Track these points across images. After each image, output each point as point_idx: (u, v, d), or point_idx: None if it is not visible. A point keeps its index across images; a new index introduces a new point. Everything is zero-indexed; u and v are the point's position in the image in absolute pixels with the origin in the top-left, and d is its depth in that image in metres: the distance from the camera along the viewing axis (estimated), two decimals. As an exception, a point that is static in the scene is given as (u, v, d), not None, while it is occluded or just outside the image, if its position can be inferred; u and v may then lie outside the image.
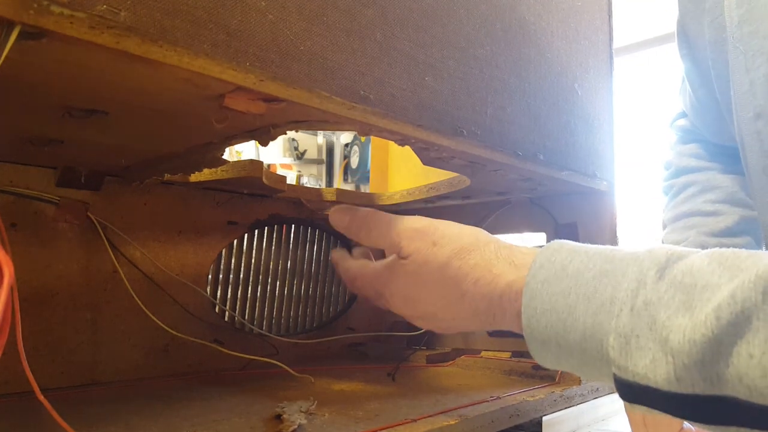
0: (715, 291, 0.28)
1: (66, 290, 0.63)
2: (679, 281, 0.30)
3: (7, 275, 0.26)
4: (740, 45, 0.50)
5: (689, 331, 0.28)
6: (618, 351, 0.30)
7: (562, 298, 0.33)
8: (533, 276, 0.35)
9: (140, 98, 0.38)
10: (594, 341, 0.32)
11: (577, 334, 0.32)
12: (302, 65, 0.37)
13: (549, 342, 0.34)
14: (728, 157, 0.71)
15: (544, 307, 0.34)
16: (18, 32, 0.26)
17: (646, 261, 0.32)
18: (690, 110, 0.73)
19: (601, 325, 0.31)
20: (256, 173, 0.65)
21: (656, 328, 0.29)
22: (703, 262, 0.30)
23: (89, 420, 0.47)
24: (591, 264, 0.33)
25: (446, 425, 0.47)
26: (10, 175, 0.59)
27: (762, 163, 0.51)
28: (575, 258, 0.34)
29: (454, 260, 0.38)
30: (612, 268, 0.33)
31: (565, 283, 0.33)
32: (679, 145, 0.77)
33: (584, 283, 0.33)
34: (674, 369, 0.28)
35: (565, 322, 0.33)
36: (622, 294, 0.31)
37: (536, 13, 0.58)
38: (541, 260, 0.35)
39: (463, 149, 0.50)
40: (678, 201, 0.73)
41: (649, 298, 0.30)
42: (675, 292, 0.29)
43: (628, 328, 0.30)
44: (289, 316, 0.87)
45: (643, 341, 0.29)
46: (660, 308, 0.29)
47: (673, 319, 0.29)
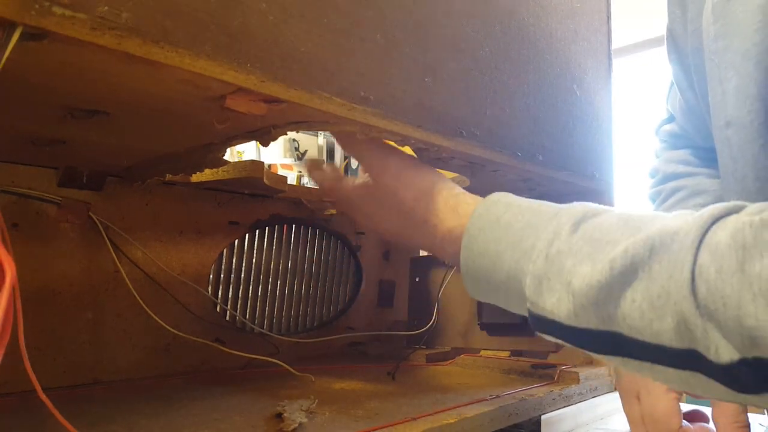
0: (614, 246, 0.33)
1: (68, 290, 0.63)
2: (589, 235, 0.35)
3: (9, 275, 0.26)
4: (715, 58, 0.52)
5: (588, 277, 0.33)
6: (532, 290, 0.36)
7: (494, 244, 0.39)
8: (472, 224, 0.41)
9: (142, 99, 0.38)
10: (515, 281, 0.38)
11: (502, 275, 0.38)
12: (303, 66, 0.37)
13: (480, 279, 0.40)
14: (716, 162, 0.71)
15: (479, 250, 0.40)
16: (20, 33, 0.26)
17: (564, 216, 0.37)
18: (679, 113, 0.74)
19: (521, 269, 0.37)
20: (257, 173, 0.65)
21: (563, 273, 0.35)
22: (612, 219, 0.35)
23: (91, 419, 0.48)
24: (520, 216, 0.39)
25: (446, 424, 0.47)
26: (12, 175, 0.59)
27: (730, 168, 0.52)
28: (509, 210, 0.40)
29: (413, 201, 0.46)
30: (537, 221, 0.38)
31: (497, 232, 0.39)
32: (666, 152, 0.78)
33: (513, 233, 0.39)
34: (574, 307, 0.34)
35: (494, 264, 0.39)
36: (540, 243, 0.36)
37: (535, 15, 0.59)
38: (479, 211, 0.41)
39: (462, 150, 0.50)
40: (667, 206, 0.73)
41: (561, 248, 0.35)
42: (583, 244, 0.35)
43: (542, 271, 0.36)
44: (289, 315, 0.87)
45: (552, 283, 0.35)
46: (569, 257, 0.35)
47: (578, 267, 0.34)
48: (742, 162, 0.51)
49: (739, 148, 0.51)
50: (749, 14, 0.48)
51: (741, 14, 0.49)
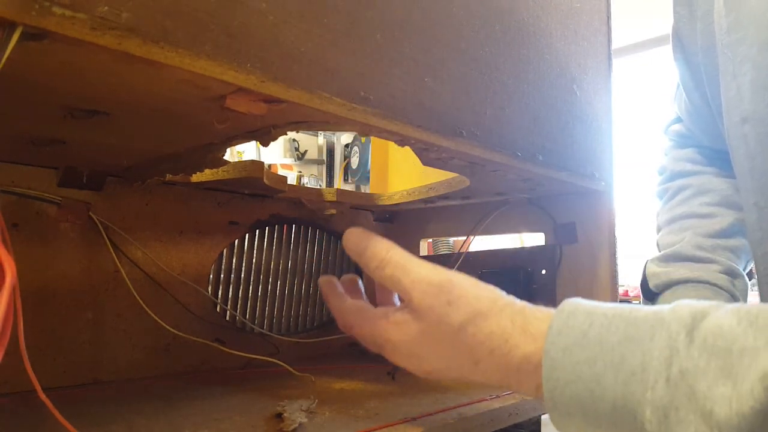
0: (754, 356, 0.27)
1: (68, 290, 0.63)
2: (711, 344, 0.28)
3: (9, 275, 0.26)
4: (728, 51, 0.51)
5: (735, 403, 0.26)
6: (656, 425, 0.29)
7: (587, 367, 0.31)
8: (552, 344, 0.33)
9: (142, 99, 0.38)
10: (627, 413, 0.30)
11: (606, 405, 0.30)
12: (303, 66, 0.37)
13: (574, 414, 0.32)
14: (723, 161, 0.71)
15: (568, 377, 0.32)
16: (20, 33, 0.26)
17: (672, 323, 0.30)
18: (685, 115, 0.74)
19: (634, 396, 0.29)
20: (257, 173, 0.65)
21: (697, 400, 0.27)
22: (731, 321, 0.29)
23: (91, 419, 0.48)
24: (613, 328, 0.32)
25: (446, 424, 0.47)
26: (12, 176, 0.59)
27: (747, 166, 0.51)
28: (594, 321, 0.32)
29: (469, 326, 0.36)
30: (637, 332, 0.31)
31: (588, 350, 0.31)
32: (674, 150, 0.78)
33: (609, 350, 0.31)
34: None
35: (592, 393, 0.31)
36: (654, 362, 0.29)
37: (535, 15, 0.59)
38: (558, 326, 0.33)
39: (462, 150, 0.50)
40: (673, 204, 0.73)
41: (685, 367, 0.28)
42: (710, 357, 0.28)
43: (666, 400, 0.28)
44: (289, 315, 0.87)
45: (684, 414, 0.28)
46: (698, 377, 0.28)
47: (715, 389, 0.27)
48: (761, 159, 0.50)
49: (757, 144, 0.49)
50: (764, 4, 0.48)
51: (755, 5, 0.48)
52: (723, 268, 0.66)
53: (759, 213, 0.52)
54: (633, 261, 1.13)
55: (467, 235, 0.87)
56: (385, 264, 0.40)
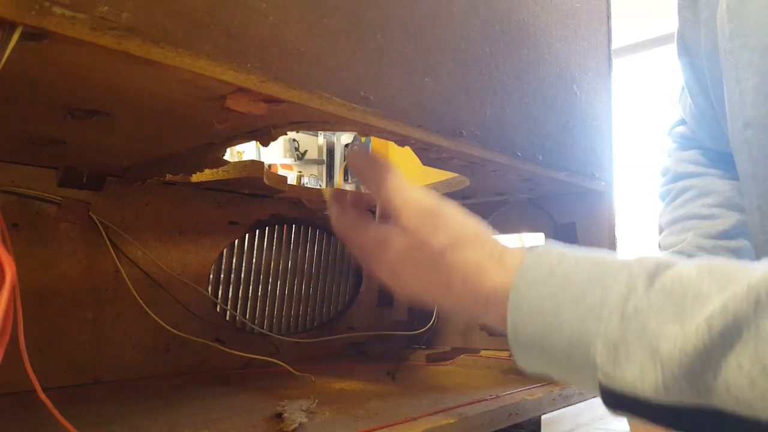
0: (705, 301, 0.28)
1: (68, 290, 0.63)
2: (669, 289, 0.29)
3: (9, 275, 0.26)
4: (731, 57, 0.51)
5: (680, 341, 0.27)
6: (606, 358, 0.29)
7: (549, 300, 0.32)
8: (521, 277, 0.34)
9: (142, 99, 0.38)
10: (581, 347, 0.31)
11: (563, 339, 0.31)
12: (303, 67, 0.37)
13: (533, 346, 0.33)
14: (727, 164, 0.71)
15: (531, 308, 0.33)
16: (20, 33, 0.26)
17: (635, 267, 0.31)
18: (689, 117, 0.74)
19: (589, 330, 0.30)
20: (257, 173, 0.66)
21: (646, 336, 0.28)
22: (691, 271, 0.30)
23: (91, 419, 0.48)
24: (580, 267, 0.33)
25: (446, 424, 0.47)
26: (12, 176, 0.59)
27: (750, 170, 0.52)
28: (564, 260, 0.34)
29: (449, 251, 0.37)
30: (601, 272, 0.32)
31: (552, 285, 0.32)
32: (677, 152, 0.78)
33: (573, 286, 0.32)
34: (663, 378, 0.28)
35: (551, 325, 0.32)
36: (612, 298, 0.30)
37: (535, 15, 0.59)
38: (529, 261, 0.34)
39: (462, 150, 0.50)
40: (675, 205, 0.73)
41: (640, 305, 0.29)
42: (665, 300, 0.29)
43: (618, 334, 0.29)
44: (289, 315, 0.87)
45: (633, 349, 0.29)
46: (650, 316, 0.29)
47: (664, 328, 0.28)
48: (764, 163, 0.50)
49: (760, 149, 0.50)
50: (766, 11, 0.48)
51: (758, 12, 0.48)
52: None
53: (762, 216, 0.53)
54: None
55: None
56: (382, 182, 0.41)
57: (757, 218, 0.53)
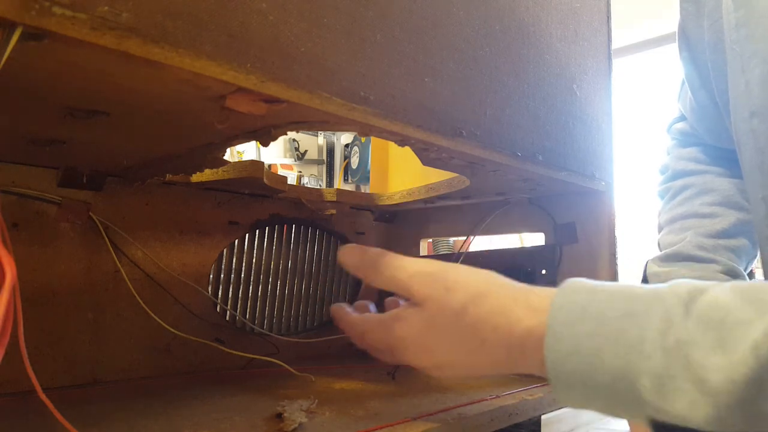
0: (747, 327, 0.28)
1: (68, 290, 0.63)
2: (707, 317, 0.29)
3: (9, 275, 0.26)
4: (737, 47, 0.51)
5: (727, 371, 0.27)
6: (653, 393, 0.30)
7: (587, 340, 0.32)
8: (554, 318, 0.34)
9: (142, 99, 0.38)
10: (625, 383, 0.31)
11: (606, 377, 0.31)
12: (303, 66, 0.37)
13: (575, 385, 0.33)
14: (727, 161, 0.71)
15: (569, 349, 0.33)
16: (20, 33, 0.26)
17: (669, 298, 0.31)
18: (689, 113, 0.74)
19: (632, 366, 0.30)
20: (257, 173, 0.66)
21: (692, 368, 0.29)
22: (726, 296, 0.30)
23: (91, 419, 0.48)
24: (613, 304, 0.33)
25: (446, 424, 0.47)
26: (12, 176, 0.59)
27: (756, 160, 0.51)
28: (595, 297, 0.33)
29: (470, 306, 0.37)
30: (635, 307, 0.32)
31: (588, 324, 0.32)
32: (677, 149, 0.78)
33: (609, 324, 0.32)
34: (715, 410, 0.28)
35: (592, 365, 0.32)
36: (651, 334, 0.30)
37: (535, 15, 0.59)
38: (560, 301, 0.34)
39: (462, 150, 0.50)
40: (675, 203, 0.73)
41: (680, 337, 0.29)
42: (705, 329, 0.29)
43: (662, 368, 0.29)
44: (289, 315, 0.87)
45: (680, 382, 0.29)
46: (693, 347, 0.29)
47: (709, 358, 0.28)
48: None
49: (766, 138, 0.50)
50: None
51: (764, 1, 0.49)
52: (724, 268, 0.66)
53: (767, 208, 0.52)
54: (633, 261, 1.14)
55: (467, 235, 0.87)
56: (382, 269, 0.41)
57: (763, 210, 0.53)
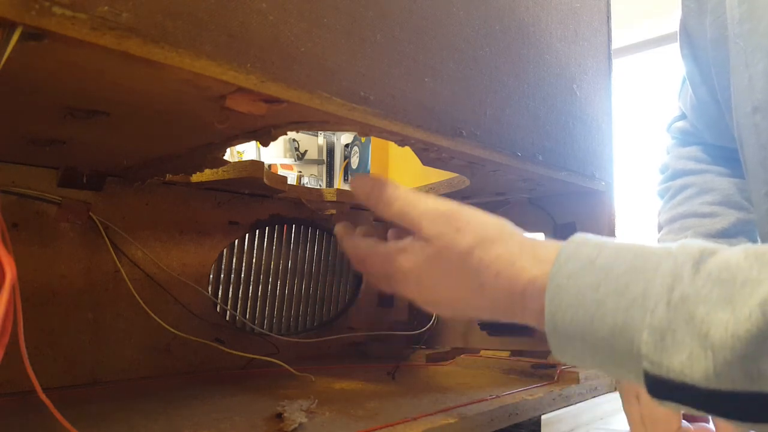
0: (756, 286, 0.27)
1: (68, 290, 0.63)
2: (716, 276, 0.29)
3: (9, 275, 0.26)
4: (740, 41, 0.51)
5: (732, 326, 0.27)
6: (652, 346, 0.29)
7: (591, 292, 0.31)
8: (559, 268, 0.33)
9: (142, 99, 0.38)
10: (624, 337, 0.30)
11: (605, 330, 0.31)
12: (303, 66, 0.37)
13: (573, 338, 0.32)
14: (727, 160, 0.71)
15: (571, 301, 0.32)
16: (20, 33, 0.26)
17: (680, 255, 0.30)
18: (690, 110, 0.74)
19: (633, 320, 0.30)
20: (257, 174, 0.66)
21: (695, 323, 0.28)
22: (738, 257, 0.29)
23: (91, 419, 0.48)
24: (620, 258, 0.32)
25: (446, 424, 0.47)
26: (12, 176, 0.59)
27: (759, 156, 0.51)
28: (603, 251, 0.33)
29: (477, 250, 0.36)
30: (643, 262, 0.31)
31: (593, 276, 0.32)
32: (677, 148, 0.77)
33: (614, 278, 0.31)
34: (714, 365, 0.27)
35: (593, 317, 0.31)
36: (656, 288, 0.30)
37: (535, 15, 0.59)
38: (567, 253, 0.34)
39: (462, 150, 0.50)
40: (674, 203, 0.73)
41: (686, 293, 0.29)
42: (713, 286, 0.28)
43: (664, 323, 0.29)
44: (289, 315, 0.87)
45: (680, 336, 0.28)
46: (698, 303, 0.28)
47: (713, 314, 0.28)
48: None
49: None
50: None
51: None
52: None
53: None
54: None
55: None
56: (393, 200, 0.40)
57: (765, 206, 0.53)
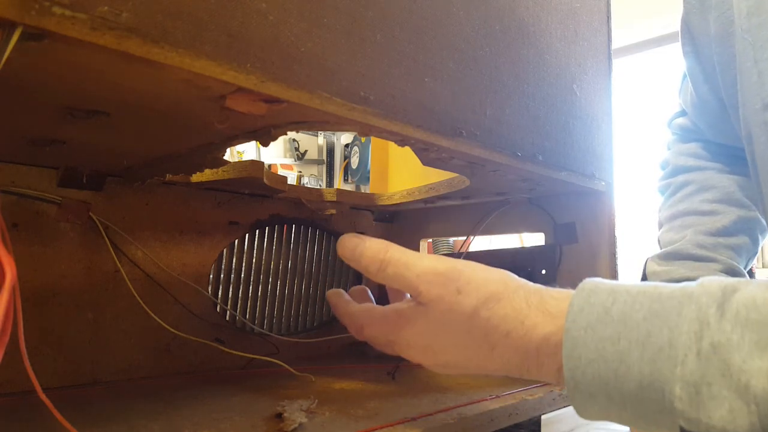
0: None
1: (68, 290, 0.63)
2: (744, 317, 0.27)
3: (9, 275, 0.26)
4: (748, 36, 0.50)
5: None
6: (687, 402, 0.27)
7: (611, 344, 0.29)
8: (573, 322, 0.31)
9: (141, 99, 0.38)
10: (654, 391, 0.28)
11: (632, 384, 0.29)
12: (303, 66, 0.37)
13: (597, 394, 0.30)
14: (728, 157, 0.71)
15: (590, 356, 0.30)
16: (19, 33, 0.26)
17: (702, 297, 0.28)
18: (691, 108, 0.73)
19: (662, 373, 0.28)
20: (257, 174, 0.66)
21: (731, 374, 0.26)
22: (765, 294, 0.27)
23: (91, 419, 0.48)
24: (638, 304, 0.30)
25: (445, 424, 0.47)
26: (12, 176, 0.59)
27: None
28: (618, 298, 0.31)
29: (482, 310, 0.34)
30: (663, 307, 0.29)
31: (611, 327, 0.30)
32: (677, 144, 0.77)
33: (634, 327, 0.29)
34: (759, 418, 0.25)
35: (616, 372, 0.29)
36: (683, 337, 0.28)
37: (535, 15, 0.59)
38: (579, 303, 0.32)
39: (462, 150, 0.50)
40: (675, 200, 0.73)
41: (717, 340, 0.27)
42: (743, 330, 0.26)
43: (697, 375, 0.27)
44: (289, 315, 0.87)
45: (717, 389, 0.26)
46: (732, 351, 0.26)
47: (750, 362, 0.26)
48: None
49: None
50: None
51: None
52: (724, 267, 0.66)
53: None
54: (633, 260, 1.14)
55: (467, 235, 0.87)
56: (386, 264, 0.38)
57: None
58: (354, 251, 0.40)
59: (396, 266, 0.38)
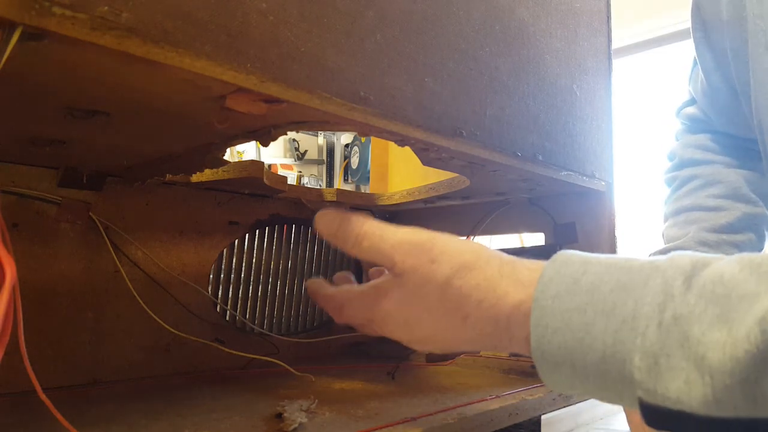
0: (753, 301, 0.25)
1: (68, 290, 0.63)
2: (710, 291, 0.27)
3: (9, 275, 0.26)
4: (761, 22, 0.49)
5: (730, 347, 0.25)
6: (645, 372, 0.27)
7: (577, 314, 0.29)
8: (542, 291, 0.31)
9: (142, 99, 0.38)
10: (615, 362, 0.28)
11: (595, 355, 0.29)
12: (303, 66, 0.37)
13: (562, 364, 0.30)
14: (737, 150, 0.70)
15: (556, 325, 0.30)
16: (20, 33, 0.26)
17: (669, 270, 0.28)
18: (701, 96, 0.72)
19: (624, 344, 0.28)
20: (257, 173, 0.66)
21: (690, 346, 0.26)
22: (733, 269, 0.27)
23: (91, 419, 0.48)
24: (607, 276, 0.30)
25: (446, 424, 0.47)
26: (12, 176, 0.59)
27: None
28: (588, 269, 0.31)
29: (455, 279, 0.34)
30: (631, 279, 0.29)
31: (579, 298, 0.30)
32: (685, 135, 0.76)
33: (601, 298, 0.29)
34: (713, 390, 0.25)
35: (581, 342, 0.29)
36: (646, 308, 0.28)
37: (535, 15, 0.59)
38: (549, 273, 0.32)
39: (462, 150, 0.50)
40: (680, 194, 0.72)
41: (679, 312, 0.27)
42: (707, 303, 0.26)
43: (657, 346, 0.27)
44: (289, 315, 0.87)
45: (675, 360, 0.26)
46: (692, 323, 0.26)
47: (709, 335, 0.26)
48: None
49: None
50: None
51: None
52: None
53: None
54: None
55: (467, 235, 0.87)
56: (361, 238, 0.38)
57: None
58: (330, 226, 0.39)
59: (371, 239, 0.37)
